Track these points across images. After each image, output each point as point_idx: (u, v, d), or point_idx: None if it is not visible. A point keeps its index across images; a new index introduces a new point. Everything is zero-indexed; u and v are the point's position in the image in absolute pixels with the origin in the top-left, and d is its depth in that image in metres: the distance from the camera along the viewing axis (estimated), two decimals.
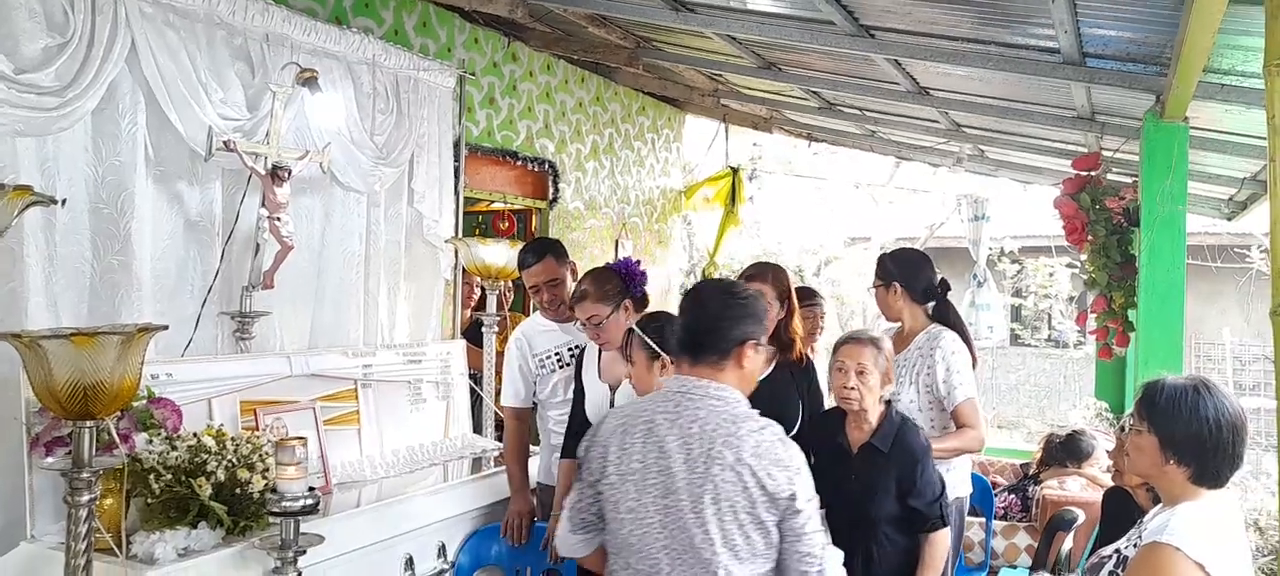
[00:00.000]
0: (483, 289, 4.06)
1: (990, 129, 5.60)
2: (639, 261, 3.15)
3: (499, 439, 4.06)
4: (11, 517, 2.52)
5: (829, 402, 2.98)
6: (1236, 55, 3.08)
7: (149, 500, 2.43)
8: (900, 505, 2.67)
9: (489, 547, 3.26)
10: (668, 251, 7.27)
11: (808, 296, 3.98)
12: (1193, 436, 1.90)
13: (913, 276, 3.33)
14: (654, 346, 2.55)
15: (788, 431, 2.94)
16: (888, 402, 2.77)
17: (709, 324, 2.09)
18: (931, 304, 3.33)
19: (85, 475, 2.04)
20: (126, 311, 2.98)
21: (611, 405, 2.96)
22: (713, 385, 2.05)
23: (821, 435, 2.83)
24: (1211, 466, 1.90)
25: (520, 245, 3.92)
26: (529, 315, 5.41)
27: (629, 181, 6.64)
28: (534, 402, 3.39)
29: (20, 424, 2.41)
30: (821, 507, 2.71)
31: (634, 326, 2.65)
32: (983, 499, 4.29)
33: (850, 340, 2.78)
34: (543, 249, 3.33)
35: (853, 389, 2.68)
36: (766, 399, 3.04)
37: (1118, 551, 2.03)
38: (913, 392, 3.21)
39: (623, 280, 3.02)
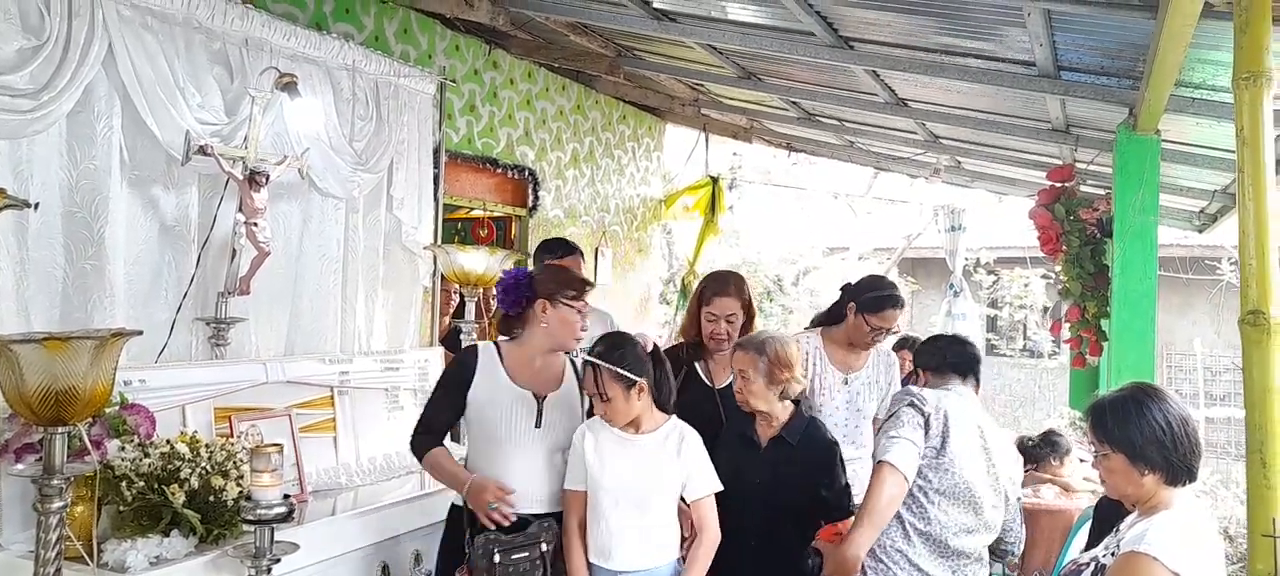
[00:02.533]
0: (461, 296, 4.04)
1: (967, 140, 5.66)
2: None
3: None
4: None
5: None
6: (1207, 69, 3.13)
7: (121, 507, 2.41)
8: (808, 498, 2.78)
9: None
10: (648, 260, 7.28)
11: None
12: (1153, 441, 1.94)
13: None
14: (628, 375, 2.54)
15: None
16: (796, 402, 2.86)
17: (968, 356, 2.86)
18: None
19: (56, 482, 2.02)
20: (99, 316, 2.95)
21: None
22: (973, 395, 2.82)
23: (736, 427, 2.95)
24: (1179, 462, 1.94)
25: (501, 253, 3.93)
26: None
27: (609, 190, 6.65)
28: None
29: None
30: (727, 496, 2.79)
31: (594, 359, 2.56)
32: None
33: (737, 348, 2.91)
34: (571, 246, 3.44)
35: (740, 392, 2.85)
36: (733, 400, 3.08)
37: (1095, 559, 2.05)
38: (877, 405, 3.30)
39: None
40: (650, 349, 2.73)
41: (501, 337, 2.84)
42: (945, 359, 2.86)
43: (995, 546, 2.84)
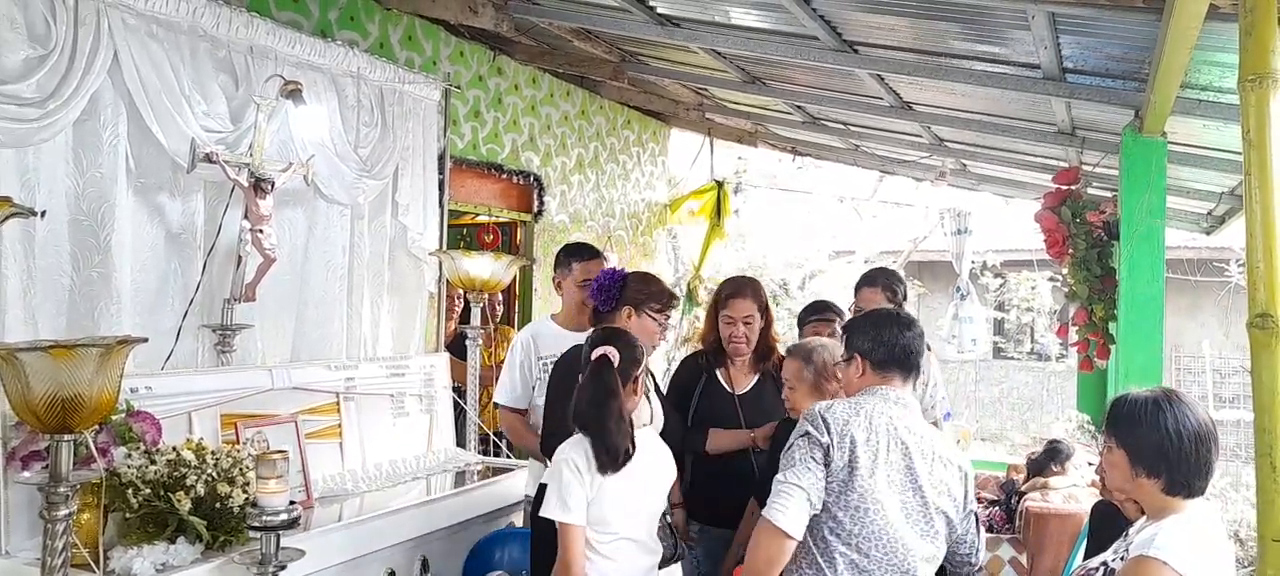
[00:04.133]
0: (467, 301, 4.05)
1: (973, 144, 5.65)
2: None
3: (483, 452, 4.05)
4: None
5: None
6: (1213, 71, 3.12)
7: (127, 515, 2.41)
8: None
9: (494, 553, 3.24)
10: (653, 265, 7.28)
11: (818, 310, 3.75)
12: (1156, 448, 1.93)
13: None
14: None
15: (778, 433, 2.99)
16: None
17: (917, 346, 2.38)
18: None
19: (62, 489, 2.02)
20: (106, 324, 2.96)
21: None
22: (910, 395, 2.36)
23: (781, 437, 2.91)
24: (1180, 476, 1.92)
25: (506, 258, 3.95)
26: (517, 326, 5.42)
27: (614, 194, 6.65)
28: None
29: None
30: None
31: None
32: None
33: (786, 354, 2.92)
34: (595, 251, 3.58)
35: (785, 399, 2.87)
36: (753, 406, 3.07)
37: (1104, 563, 2.04)
38: None
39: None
40: (621, 361, 2.49)
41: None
42: (893, 352, 2.34)
43: (951, 564, 2.43)
